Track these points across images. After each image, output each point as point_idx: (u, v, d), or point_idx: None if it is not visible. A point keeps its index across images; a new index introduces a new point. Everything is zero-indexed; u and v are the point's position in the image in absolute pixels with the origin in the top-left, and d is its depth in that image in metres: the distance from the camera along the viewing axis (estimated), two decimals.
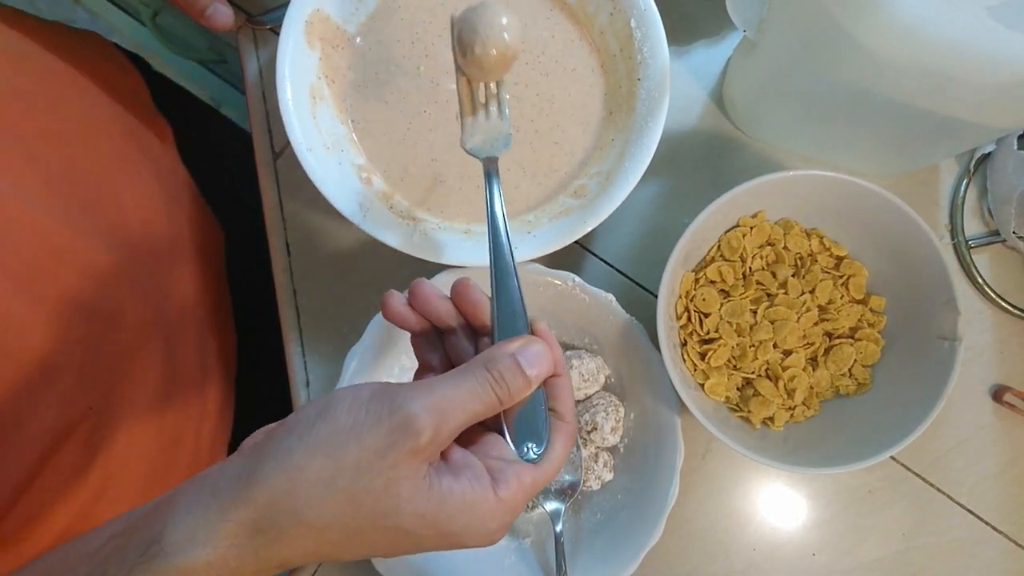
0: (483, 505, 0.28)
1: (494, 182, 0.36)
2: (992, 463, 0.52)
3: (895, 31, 0.37)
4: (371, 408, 0.27)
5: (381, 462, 0.27)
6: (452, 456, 0.30)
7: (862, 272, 0.49)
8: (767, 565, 0.51)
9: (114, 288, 0.44)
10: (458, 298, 0.34)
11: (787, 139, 0.54)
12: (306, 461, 0.27)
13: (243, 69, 0.56)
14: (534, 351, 0.31)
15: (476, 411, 0.29)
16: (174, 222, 0.53)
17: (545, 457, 0.31)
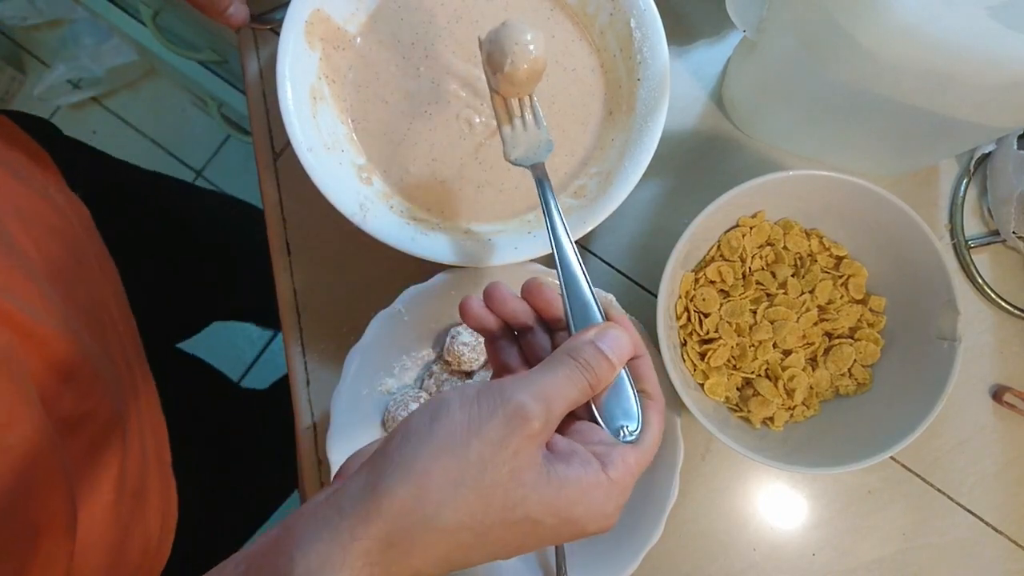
0: (598, 488, 0.28)
1: (546, 186, 0.38)
2: (992, 463, 0.52)
3: (895, 31, 0.37)
4: (483, 403, 0.28)
5: (504, 452, 0.27)
6: (556, 445, 0.30)
7: (862, 272, 0.49)
8: (767, 565, 0.51)
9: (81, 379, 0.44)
10: (530, 296, 0.34)
11: (787, 139, 0.54)
12: (430, 465, 0.26)
13: (243, 69, 0.56)
14: (612, 335, 0.31)
15: (573, 397, 0.29)
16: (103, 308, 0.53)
17: (644, 436, 0.31)
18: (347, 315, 0.53)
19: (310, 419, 0.53)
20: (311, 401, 0.53)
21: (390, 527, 0.26)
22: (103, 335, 0.51)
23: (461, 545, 0.27)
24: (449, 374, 0.50)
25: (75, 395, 0.44)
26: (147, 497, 0.52)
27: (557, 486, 0.28)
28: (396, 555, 0.26)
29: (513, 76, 0.37)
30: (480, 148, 0.48)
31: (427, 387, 0.50)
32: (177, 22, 0.98)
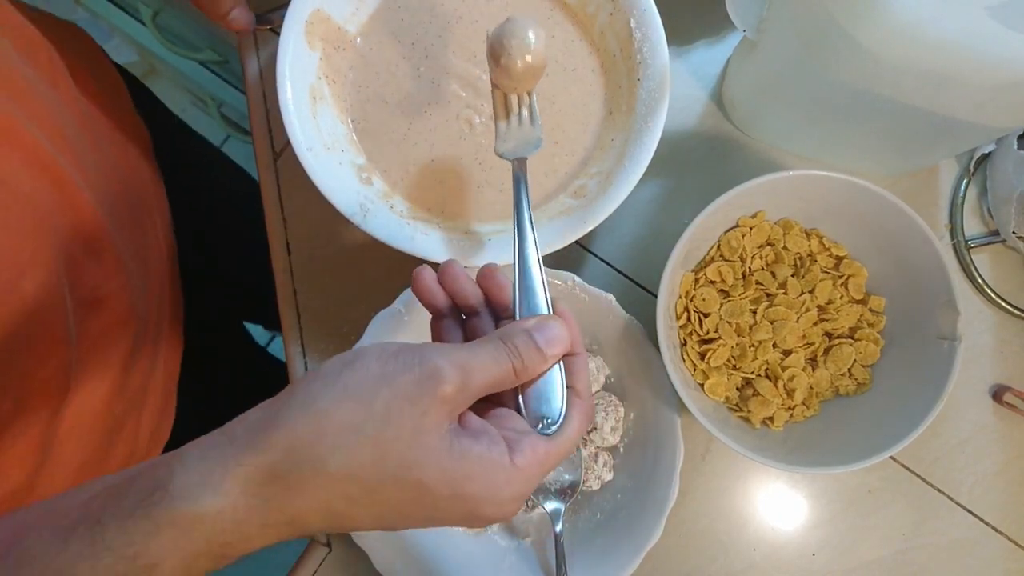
0: (499, 470, 0.28)
1: (521, 180, 0.38)
2: (992, 463, 0.52)
3: (895, 31, 0.37)
4: (400, 358, 0.27)
5: (412, 408, 0.26)
6: (470, 422, 0.29)
7: (862, 272, 0.49)
8: (767, 565, 0.51)
9: (105, 249, 0.44)
10: (484, 280, 0.34)
11: (787, 139, 0.54)
12: (334, 406, 0.26)
13: (243, 69, 0.56)
14: (550, 327, 0.31)
15: (494, 376, 0.29)
16: (151, 216, 0.54)
17: (560, 431, 0.31)
18: (347, 315, 0.53)
19: None
20: None
21: (277, 460, 0.25)
22: (141, 237, 0.51)
23: (347, 497, 0.26)
24: None
25: (96, 274, 0.44)
26: (145, 404, 0.52)
27: (457, 457, 0.27)
28: (278, 490, 0.25)
29: (510, 70, 0.38)
30: (480, 148, 0.48)
31: None
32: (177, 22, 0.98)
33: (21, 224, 0.37)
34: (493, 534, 0.50)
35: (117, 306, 0.46)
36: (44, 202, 0.39)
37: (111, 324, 0.46)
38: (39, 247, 0.38)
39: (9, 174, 0.37)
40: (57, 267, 0.40)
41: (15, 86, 0.40)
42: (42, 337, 0.38)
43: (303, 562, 0.51)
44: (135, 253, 0.50)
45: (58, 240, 0.40)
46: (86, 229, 0.43)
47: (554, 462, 0.30)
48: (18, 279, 0.36)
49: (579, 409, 0.32)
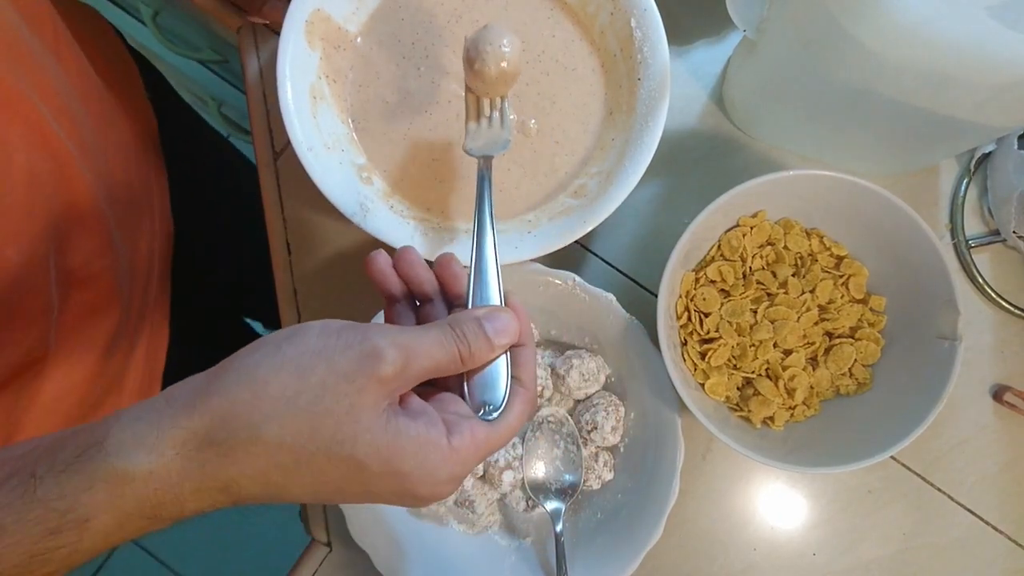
0: (435, 449, 0.28)
1: (485, 176, 0.38)
2: (992, 463, 0.52)
3: (895, 31, 0.37)
4: (342, 336, 0.28)
5: (348, 385, 0.27)
6: (410, 403, 0.30)
7: (862, 272, 0.49)
8: (767, 565, 0.51)
9: (97, 227, 0.44)
10: (440, 268, 0.35)
11: (787, 139, 0.54)
12: (271, 376, 0.26)
13: (243, 69, 0.56)
14: (500, 318, 0.31)
15: (438, 360, 0.29)
16: (148, 199, 0.54)
17: (501, 418, 0.31)
18: (347, 315, 0.53)
19: None
20: None
21: (212, 425, 0.25)
22: (135, 220, 0.51)
23: (280, 466, 0.26)
24: None
25: (85, 251, 0.44)
26: (123, 390, 0.52)
27: (392, 434, 0.27)
28: (212, 455, 0.25)
29: (483, 75, 0.38)
30: None
31: None
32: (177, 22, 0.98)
33: (13, 193, 0.37)
34: (493, 534, 0.50)
35: (102, 285, 0.46)
36: (39, 174, 0.39)
37: (95, 302, 0.46)
38: (28, 217, 0.38)
39: (6, 143, 0.37)
40: (45, 239, 0.40)
41: (21, 57, 0.40)
42: (23, 305, 0.39)
43: (303, 562, 0.51)
44: (127, 235, 0.50)
45: (50, 213, 0.40)
46: (79, 205, 0.43)
47: (492, 447, 0.30)
48: (2, 246, 0.36)
49: (522, 398, 0.32)
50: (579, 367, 0.48)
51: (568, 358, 0.49)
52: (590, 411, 0.48)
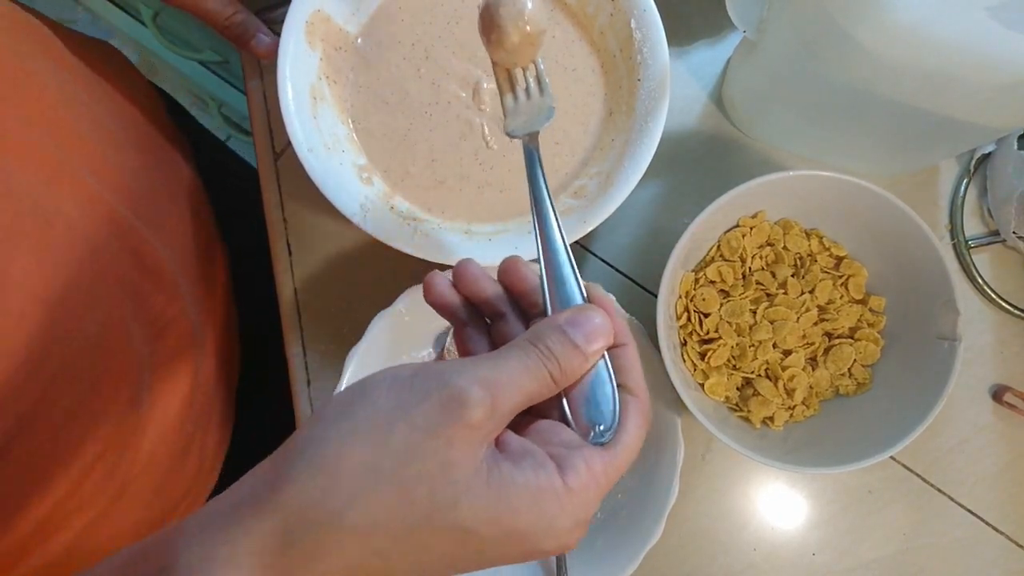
0: (550, 497, 0.24)
1: (535, 157, 0.34)
2: (992, 463, 0.52)
3: (895, 31, 0.37)
4: (416, 386, 0.24)
5: (435, 441, 0.22)
6: (509, 444, 0.25)
7: (862, 272, 0.49)
8: (767, 565, 0.51)
9: (166, 288, 0.44)
10: (507, 276, 0.30)
11: (787, 139, 0.54)
12: (344, 450, 0.22)
13: (244, 69, 0.56)
14: (587, 320, 0.26)
15: (530, 390, 0.25)
16: (200, 232, 0.54)
17: (617, 439, 0.26)
18: (347, 315, 0.53)
19: None
20: (311, 401, 0.53)
21: (289, 523, 0.22)
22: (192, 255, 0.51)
23: (377, 552, 0.22)
24: None
25: (158, 300, 0.44)
26: (211, 419, 0.52)
27: (498, 489, 0.23)
28: (297, 558, 0.22)
29: (504, 43, 0.34)
30: (481, 148, 0.48)
31: None
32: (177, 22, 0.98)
33: (78, 262, 0.35)
34: None
35: (180, 327, 0.46)
36: (99, 240, 0.38)
37: (177, 346, 0.46)
38: (98, 284, 0.37)
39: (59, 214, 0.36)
40: (119, 303, 0.39)
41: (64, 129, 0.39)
42: (109, 374, 0.38)
43: None
44: (186, 271, 0.50)
45: (116, 274, 0.40)
46: (141, 256, 0.42)
47: (613, 477, 0.25)
48: (80, 319, 0.35)
49: (635, 409, 0.27)
50: None
51: None
52: None
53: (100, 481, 0.39)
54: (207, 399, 0.51)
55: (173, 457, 0.47)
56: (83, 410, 0.36)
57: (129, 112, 0.50)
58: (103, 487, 0.40)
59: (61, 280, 0.34)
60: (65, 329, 0.34)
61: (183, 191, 0.53)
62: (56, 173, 0.37)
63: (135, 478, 0.43)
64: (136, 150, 0.49)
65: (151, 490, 0.45)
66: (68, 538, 0.39)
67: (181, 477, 0.48)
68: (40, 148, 0.36)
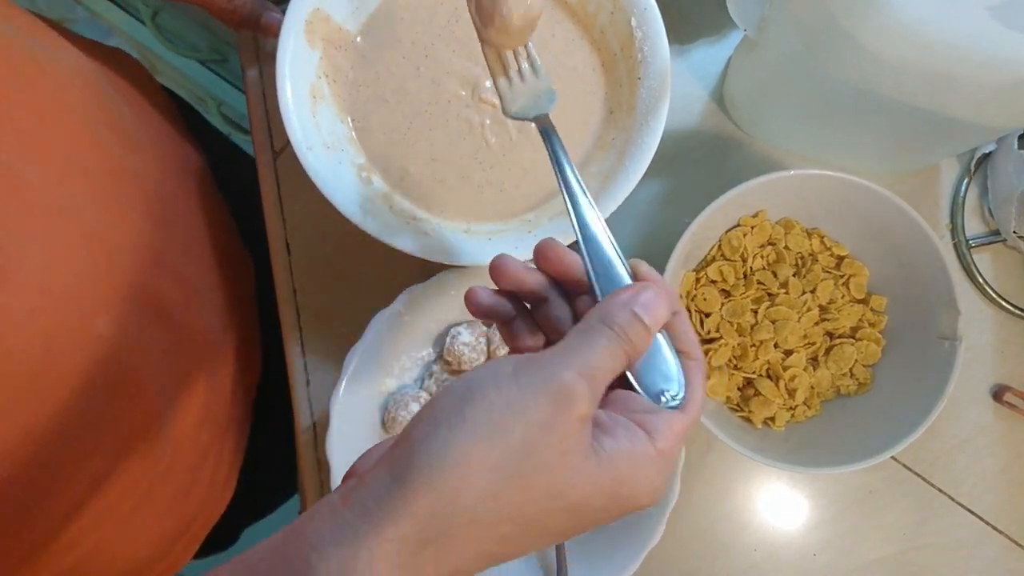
0: (647, 461, 0.26)
1: (553, 138, 0.34)
2: (992, 463, 0.52)
3: (896, 31, 0.37)
4: (521, 380, 0.25)
5: (549, 435, 0.24)
6: (598, 419, 0.27)
7: (863, 272, 0.49)
8: (768, 565, 0.51)
9: (184, 293, 0.44)
10: (544, 260, 0.31)
11: (788, 138, 0.54)
12: (466, 453, 0.23)
13: (243, 68, 0.56)
14: (647, 297, 0.28)
15: (615, 370, 0.27)
16: (217, 236, 0.53)
17: (688, 400, 0.29)
18: (347, 315, 0.53)
19: (310, 419, 0.53)
20: (311, 401, 0.53)
21: (424, 525, 0.23)
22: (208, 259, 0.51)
23: (503, 538, 0.24)
24: (449, 374, 0.50)
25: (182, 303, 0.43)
26: (229, 430, 0.51)
27: (606, 465, 0.25)
28: (432, 554, 0.23)
29: (507, 25, 0.34)
30: (480, 148, 0.48)
31: (427, 387, 0.50)
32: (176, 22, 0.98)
33: (92, 261, 0.36)
34: None
35: (199, 333, 0.46)
36: (110, 234, 0.38)
37: (196, 353, 0.45)
38: (112, 287, 0.37)
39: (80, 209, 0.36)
40: (136, 305, 0.39)
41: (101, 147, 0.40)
42: (125, 380, 0.38)
43: None
44: (204, 277, 0.49)
45: (134, 278, 0.39)
46: (159, 260, 0.42)
47: (687, 432, 0.28)
48: (91, 321, 0.35)
49: (696, 372, 0.30)
50: None
51: None
52: None
53: (122, 487, 0.39)
54: (225, 407, 0.50)
55: (191, 466, 0.46)
56: (98, 412, 0.36)
57: (145, 113, 0.50)
58: (125, 494, 0.40)
59: (71, 278, 0.34)
60: (74, 328, 0.34)
61: (200, 196, 0.53)
62: (69, 171, 0.37)
63: (155, 485, 0.42)
64: (152, 152, 0.48)
65: (170, 499, 0.45)
66: (89, 544, 0.38)
67: (198, 487, 0.48)
68: (53, 146, 0.36)
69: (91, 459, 0.37)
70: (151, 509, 0.43)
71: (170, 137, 0.53)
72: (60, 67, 0.40)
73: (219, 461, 0.50)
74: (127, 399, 0.38)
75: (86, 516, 0.38)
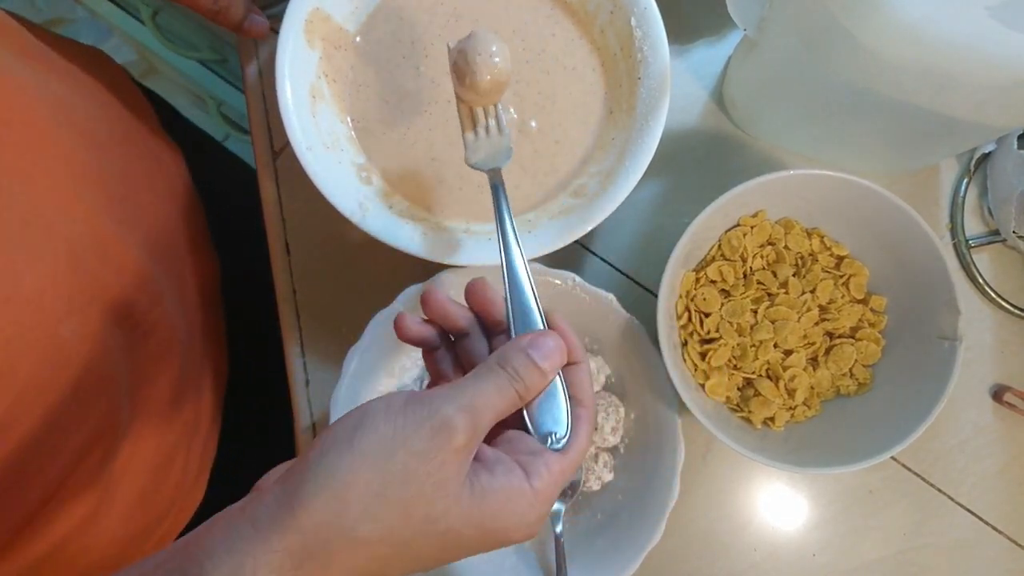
0: (521, 498, 0.28)
1: (500, 191, 0.38)
2: (992, 463, 0.52)
3: (895, 31, 0.37)
4: (409, 414, 0.27)
5: (428, 464, 0.27)
6: (483, 454, 0.30)
7: (863, 272, 0.49)
8: (768, 565, 0.51)
9: (148, 293, 0.44)
10: (473, 297, 0.34)
11: (788, 138, 0.54)
12: (352, 476, 0.26)
13: (243, 68, 0.56)
14: (545, 343, 0.31)
15: (501, 408, 0.29)
16: (186, 235, 0.53)
17: (570, 444, 0.31)
18: (347, 315, 0.53)
19: (309, 419, 0.53)
20: (310, 401, 0.53)
21: (307, 539, 0.25)
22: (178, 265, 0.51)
23: (379, 557, 0.26)
24: None
25: (141, 307, 0.44)
26: (197, 431, 0.51)
27: (480, 497, 0.28)
28: (312, 569, 0.25)
29: (476, 87, 0.38)
30: None
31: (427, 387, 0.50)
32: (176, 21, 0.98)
33: (57, 273, 0.36)
34: None
35: (162, 332, 0.46)
36: (81, 249, 0.38)
37: (158, 352, 0.45)
38: (77, 291, 0.37)
39: (47, 225, 0.36)
40: (98, 310, 0.39)
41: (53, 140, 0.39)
42: (88, 378, 0.38)
43: None
44: (172, 279, 0.49)
45: (96, 284, 0.39)
46: (125, 267, 0.42)
47: (569, 476, 0.30)
48: (55, 325, 0.36)
49: (584, 419, 0.32)
50: None
51: None
52: None
53: (84, 485, 0.39)
54: (191, 407, 0.50)
55: (157, 465, 0.46)
56: (60, 415, 0.36)
57: (117, 117, 0.50)
58: (87, 492, 0.40)
59: (35, 285, 0.35)
60: (39, 334, 0.34)
61: (170, 195, 0.53)
62: (34, 176, 0.37)
63: (120, 484, 0.42)
64: (121, 154, 0.48)
65: (136, 497, 0.44)
66: (55, 539, 0.38)
67: (166, 486, 0.48)
68: (16, 152, 0.36)
69: (54, 458, 0.37)
70: (115, 507, 0.43)
71: (142, 137, 0.53)
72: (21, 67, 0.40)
73: (187, 461, 0.50)
74: (90, 399, 0.39)
75: (50, 515, 0.38)
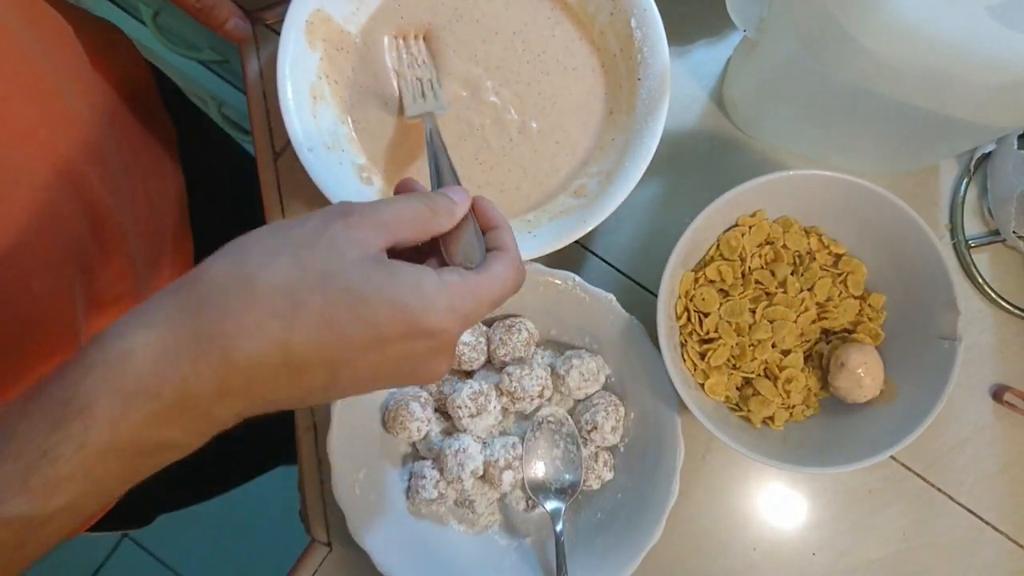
0: (427, 277, 0.29)
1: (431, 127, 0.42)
2: (992, 463, 0.52)
3: (895, 31, 0.37)
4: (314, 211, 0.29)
5: (325, 230, 0.28)
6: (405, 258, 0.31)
7: (861, 269, 0.49)
8: (767, 565, 0.51)
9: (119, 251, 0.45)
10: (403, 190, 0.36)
11: (787, 139, 0.54)
12: (251, 243, 0.27)
13: (244, 69, 0.56)
14: (455, 188, 0.34)
15: (407, 216, 0.30)
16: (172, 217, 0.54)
17: (483, 268, 0.32)
18: None
19: (310, 419, 0.53)
20: (311, 407, 0.53)
21: (203, 290, 0.26)
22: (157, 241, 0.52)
23: (276, 313, 0.26)
24: (449, 373, 0.50)
25: (109, 276, 0.44)
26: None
27: (385, 268, 0.28)
28: (208, 316, 0.25)
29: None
30: (481, 148, 0.48)
31: (427, 386, 0.50)
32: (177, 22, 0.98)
33: (38, 230, 0.37)
34: (493, 534, 0.50)
35: (126, 306, 0.46)
36: (63, 207, 0.39)
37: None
38: (52, 249, 0.38)
39: (27, 174, 0.37)
40: (70, 270, 0.39)
41: (43, 91, 0.39)
42: (50, 338, 0.38)
43: (303, 562, 0.51)
44: (149, 254, 0.50)
45: (73, 244, 0.40)
46: (103, 232, 0.43)
47: (481, 295, 0.31)
48: (27, 279, 0.36)
49: (502, 258, 0.33)
50: (579, 367, 0.48)
51: (568, 358, 0.49)
52: (590, 411, 0.48)
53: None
54: None
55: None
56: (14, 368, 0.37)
57: (117, 84, 0.50)
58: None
59: (14, 239, 0.35)
60: (10, 289, 0.35)
61: (160, 173, 0.53)
62: (28, 131, 0.37)
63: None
64: (116, 120, 0.49)
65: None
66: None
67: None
68: (9, 104, 0.36)
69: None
70: None
71: (141, 111, 0.53)
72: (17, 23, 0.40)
73: None
74: (50, 354, 0.39)
75: None
